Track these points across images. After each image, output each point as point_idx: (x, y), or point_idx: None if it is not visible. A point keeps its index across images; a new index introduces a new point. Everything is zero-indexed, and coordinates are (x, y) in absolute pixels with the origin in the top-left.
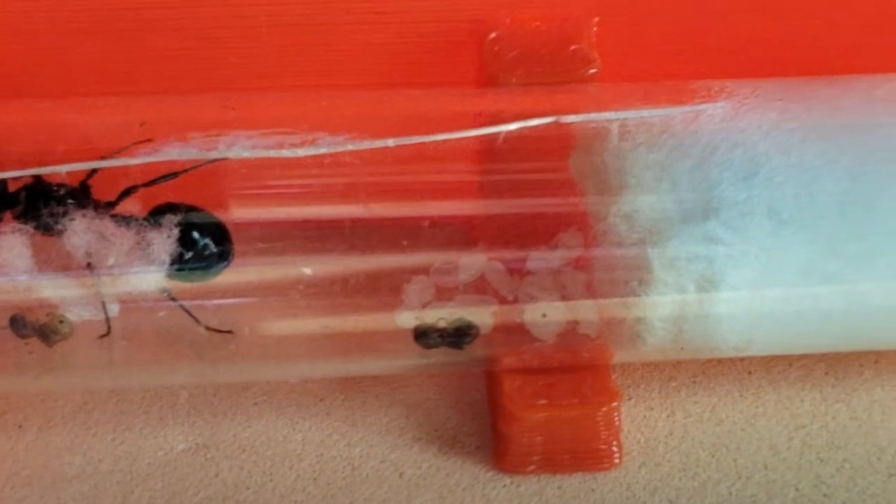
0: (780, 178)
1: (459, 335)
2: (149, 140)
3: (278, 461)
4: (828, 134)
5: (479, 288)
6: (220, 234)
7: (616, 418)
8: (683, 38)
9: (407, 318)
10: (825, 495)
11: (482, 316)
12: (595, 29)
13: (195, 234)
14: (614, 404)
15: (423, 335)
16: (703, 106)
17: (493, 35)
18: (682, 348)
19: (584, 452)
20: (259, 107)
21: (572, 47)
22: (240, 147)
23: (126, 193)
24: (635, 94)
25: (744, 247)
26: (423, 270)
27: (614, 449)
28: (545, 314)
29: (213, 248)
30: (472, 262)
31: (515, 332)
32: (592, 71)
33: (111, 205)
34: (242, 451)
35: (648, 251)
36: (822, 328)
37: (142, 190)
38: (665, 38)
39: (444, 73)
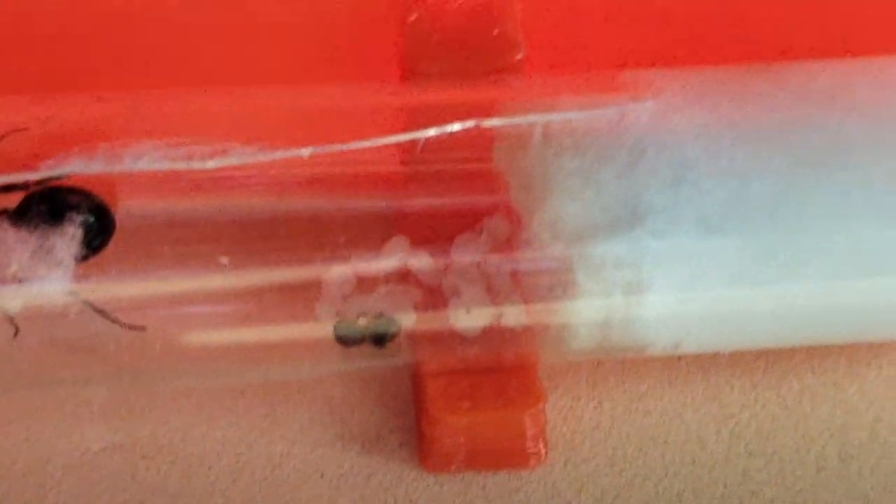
0: (708, 184)
1: (381, 332)
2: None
3: (196, 461)
4: (760, 135)
5: (402, 280)
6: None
7: (541, 419)
8: (616, 13)
9: (327, 311)
10: (753, 492)
11: (404, 308)
12: (519, 6)
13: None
14: (540, 406)
15: (343, 332)
16: (630, 107)
17: (413, 17)
18: (607, 352)
19: (509, 452)
20: (165, 109)
21: (495, 31)
22: (147, 159)
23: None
24: (561, 89)
25: (672, 254)
26: (344, 260)
27: (540, 448)
28: (469, 310)
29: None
30: (395, 246)
31: (439, 327)
32: (519, 57)
33: None
34: (160, 450)
35: (573, 259)
36: (752, 329)
37: None
38: (596, 16)
39: (363, 58)
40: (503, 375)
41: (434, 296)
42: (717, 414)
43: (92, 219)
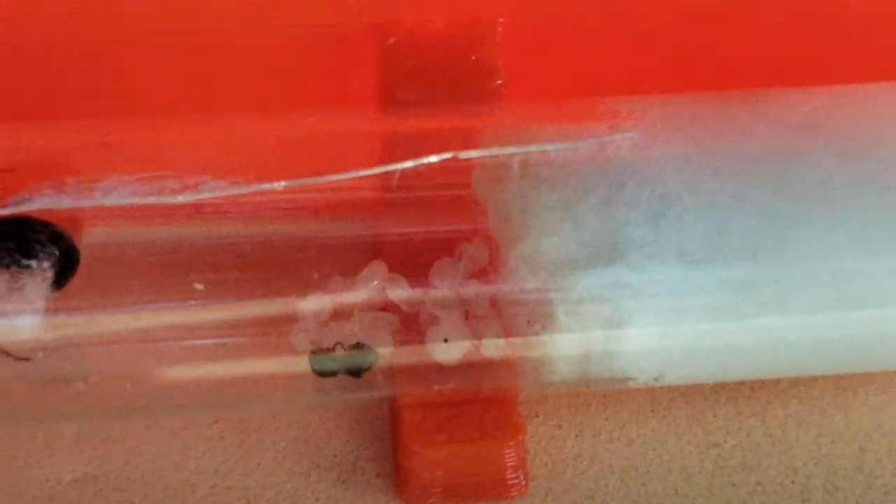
0: (689, 218)
1: (357, 363)
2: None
3: (170, 494)
4: (741, 167)
5: (379, 306)
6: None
7: (522, 451)
8: (596, 39)
9: (303, 339)
10: None
11: (381, 334)
12: (500, 29)
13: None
14: (519, 438)
15: (319, 363)
16: (610, 138)
17: (391, 41)
18: (588, 385)
19: (489, 485)
20: (137, 139)
21: (474, 56)
22: (117, 194)
23: None
24: (540, 117)
25: (652, 291)
26: (321, 287)
27: (521, 479)
28: (447, 339)
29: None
30: (372, 272)
31: (417, 358)
32: (497, 83)
33: None
34: (132, 482)
35: (552, 295)
36: (735, 362)
37: None
38: (576, 41)
39: (340, 83)
40: (481, 407)
41: (411, 322)
42: (700, 442)
43: (58, 252)
